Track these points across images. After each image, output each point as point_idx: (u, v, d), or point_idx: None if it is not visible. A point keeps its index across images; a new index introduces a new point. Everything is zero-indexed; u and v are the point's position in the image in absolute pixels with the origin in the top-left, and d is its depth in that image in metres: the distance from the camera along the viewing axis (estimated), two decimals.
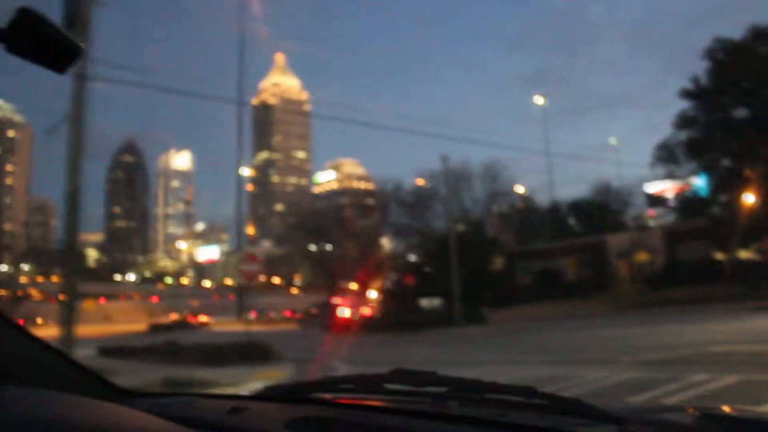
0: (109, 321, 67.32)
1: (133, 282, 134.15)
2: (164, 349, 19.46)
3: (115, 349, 21.21)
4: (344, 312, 40.50)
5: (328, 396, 1.74)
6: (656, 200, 50.40)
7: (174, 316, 53.57)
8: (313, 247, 59.16)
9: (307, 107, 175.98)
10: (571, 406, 1.39)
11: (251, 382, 12.91)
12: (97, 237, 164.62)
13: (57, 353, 1.78)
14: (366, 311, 42.45)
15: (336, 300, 44.71)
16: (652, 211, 55.39)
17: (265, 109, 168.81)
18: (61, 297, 13.76)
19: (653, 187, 50.15)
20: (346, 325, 35.72)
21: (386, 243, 57.77)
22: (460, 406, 1.52)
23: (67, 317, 12.97)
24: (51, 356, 1.76)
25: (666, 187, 46.24)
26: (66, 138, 14.18)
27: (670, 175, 40.86)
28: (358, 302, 45.30)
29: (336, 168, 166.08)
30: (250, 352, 16.77)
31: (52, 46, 0.79)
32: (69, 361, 1.81)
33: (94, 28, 14.04)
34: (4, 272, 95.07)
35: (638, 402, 7.80)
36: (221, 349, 17.28)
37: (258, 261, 18.03)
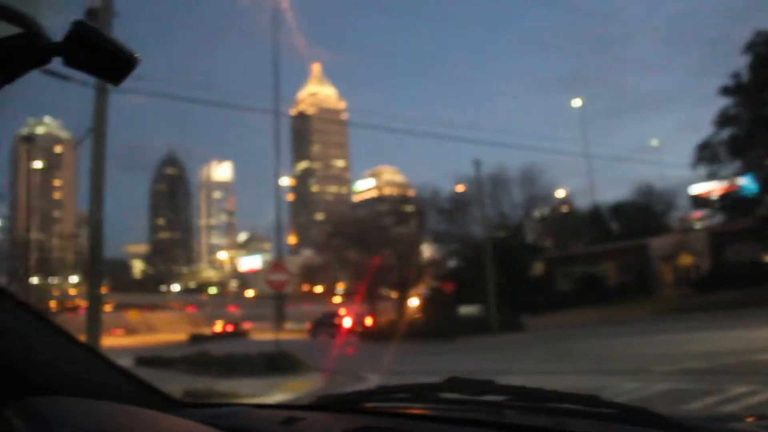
0: (153, 331, 68.24)
1: (178, 292, 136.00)
2: (197, 359, 19.52)
3: (150, 359, 21.33)
4: (346, 322, 43.57)
5: (382, 405, 1.71)
6: (701, 201, 49.10)
7: (214, 326, 53.91)
8: (352, 255, 59.01)
9: (345, 116, 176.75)
10: (637, 415, 1.29)
11: (274, 393, 12.73)
12: (142, 249, 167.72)
13: (109, 364, 1.81)
14: (368, 321, 45.70)
15: (340, 311, 48.29)
16: (697, 213, 53.96)
17: (302, 119, 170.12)
18: (87, 307, 13.77)
19: (698, 188, 48.83)
20: (348, 333, 39.35)
21: (426, 250, 57.43)
22: (518, 416, 1.44)
23: (92, 328, 12.98)
24: (104, 366, 1.79)
25: (711, 188, 44.93)
26: (90, 151, 14.27)
27: (712, 175, 39.63)
28: (361, 313, 48.32)
29: (375, 175, 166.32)
30: (278, 363, 16.61)
31: (107, 58, 0.81)
32: (121, 372, 1.82)
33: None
34: (53, 284, 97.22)
35: (692, 411, 7.39)
36: (250, 360, 17.16)
37: (284, 270, 17.88)
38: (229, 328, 52.88)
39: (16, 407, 1.42)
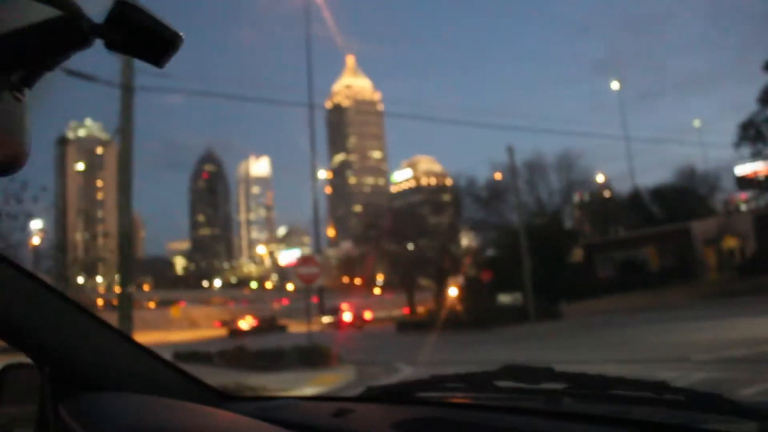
0: (194, 326, 69.22)
1: (219, 288, 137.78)
2: (233, 353, 19.68)
3: (188, 354, 21.52)
4: (346, 316, 48.74)
5: (434, 395, 1.68)
6: (747, 182, 47.72)
7: (252, 321, 54.36)
8: (389, 247, 59.03)
9: (380, 107, 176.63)
10: (708, 400, 1.22)
11: (305, 387, 12.67)
12: (184, 245, 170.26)
13: (158, 359, 1.82)
14: (368, 315, 52.01)
15: (343, 306, 52.10)
16: (743, 195, 52.52)
17: (337, 111, 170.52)
18: (118, 306, 13.91)
19: (743, 169, 47.47)
20: (350, 326, 45.69)
21: (463, 239, 57.16)
22: (578, 404, 1.45)
23: (124, 325, 13.08)
24: (153, 362, 1.80)
25: (756, 168, 43.67)
26: (117, 150, 14.37)
27: (757, 155, 38.49)
28: (362, 306, 54.64)
29: (412, 166, 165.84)
30: (310, 356, 16.61)
31: (150, 38, 0.79)
32: (171, 366, 1.84)
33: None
34: (98, 284, 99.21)
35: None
36: (283, 354, 17.20)
37: (315, 264, 17.85)
38: (255, 324, 52.99)
39: (70, 404, 1.44)
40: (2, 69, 0.72)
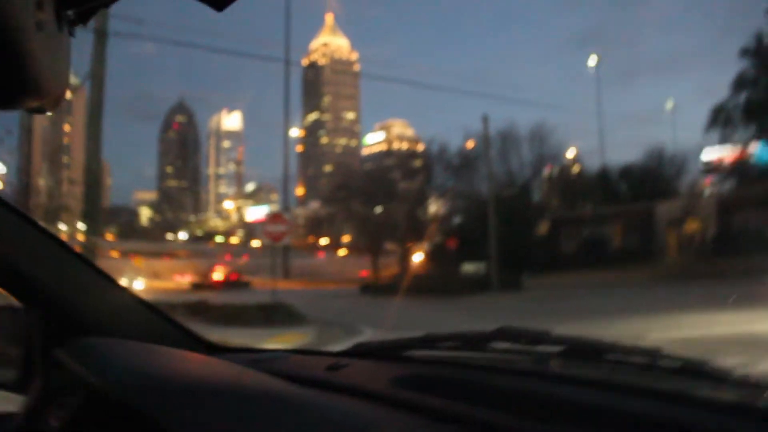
0: (158, 278, 68.79)
1: (184, 241, 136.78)
2: (195, 307, 19.57)
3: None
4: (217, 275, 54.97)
5: (428, 354, 1.67)
6: (713, 167, 48.47)
7: (212, 274, 54.41)
8: (358, 208, 58.99)
9: (357, 67, 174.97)
10: (699, 368, 1.24)
11: (265, 344, 12.69)
12: (150, 196, 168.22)
13: (151, 308, 1.82)
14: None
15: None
16: (707, 179, 53.37)
17: (313, 69, 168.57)
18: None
19: (710, 154, 48.14)
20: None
21: (432, 205, 57.31)
22: (570, 367, 1.45)
23: None
24: (146, 311, 1.80)
25: (723, 154, 44.36)
26: (87, 96, 14.02)
27: (725, 140, 39.13)
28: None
29: (385, 129, 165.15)
30: (274, 314, 16.65)
31: None
32: (163, 316, 1.84)
33: None
34: (63, 231, 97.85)
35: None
36: (246, 310, 17.22)
37: (284, 222, 17.78)
38: (232, 277, 53.14)
39: (68, 347, 1.44)
40: (63, 4, 0.71)
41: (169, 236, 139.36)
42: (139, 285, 44.77)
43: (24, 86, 0.70)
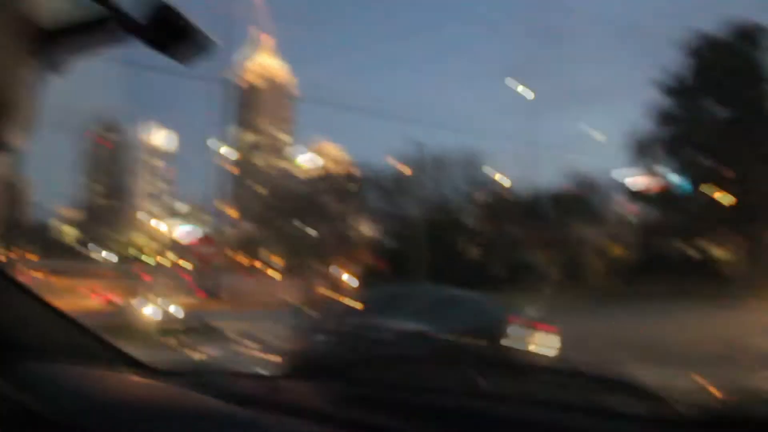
0: (80, 297, 66.34)
1: (110, 260, 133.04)
2: (112, 326, 18.93)
3: None
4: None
5: (366, 374, 1.68)
6: (636, 196, 50.27)
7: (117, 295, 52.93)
8: (289, 230, 58.63)
9: (293, 90, 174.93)
10: (616, 383, 1.29)
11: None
12: (75, 214, 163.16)
13: (82, 328, 1.77)
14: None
15: None
16: (631, 207, 55.23)
17: (248, 90, 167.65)
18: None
19: (633, 183, 49.88)
20: None
21: (364, 228, 57.39)
22: (494, 384, 1.48)
23: None
24: (77, 331, 1.74)
25: (646, 183, 46.15)
26: None
27: (647, 171, 40.97)
28: None
29: (318, 151, 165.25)
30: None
31: (187, 41, 0.83)
32: (95, 337, 1.78)
33: None
34: None
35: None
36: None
37: (212, 244, 17.40)
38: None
39: (4, 373, 1.37)
40: (48, 53, 0.76)
41: (95, 255, 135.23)
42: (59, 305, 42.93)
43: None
